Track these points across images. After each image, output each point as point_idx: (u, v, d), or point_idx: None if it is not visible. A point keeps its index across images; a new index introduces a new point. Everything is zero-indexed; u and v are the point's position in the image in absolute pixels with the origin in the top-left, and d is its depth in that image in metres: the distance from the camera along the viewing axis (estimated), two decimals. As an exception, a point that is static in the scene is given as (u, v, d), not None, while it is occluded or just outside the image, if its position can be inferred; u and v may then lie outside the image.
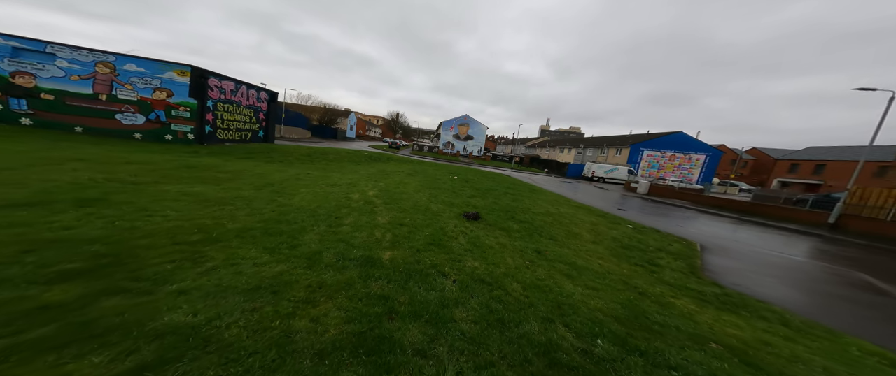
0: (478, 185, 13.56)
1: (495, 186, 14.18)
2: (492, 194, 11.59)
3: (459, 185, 12.78)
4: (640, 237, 7.97)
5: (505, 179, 19.23)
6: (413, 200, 8.45)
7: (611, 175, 36.84)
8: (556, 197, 14.12)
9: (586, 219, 9.39)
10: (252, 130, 16.56)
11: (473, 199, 9.90)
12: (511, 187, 14.91)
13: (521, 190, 14.35)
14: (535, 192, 14.39)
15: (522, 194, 12.85)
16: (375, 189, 9.43)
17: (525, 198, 11.63)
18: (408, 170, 16.05)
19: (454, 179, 14.79)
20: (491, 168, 35.71)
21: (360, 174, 12.47)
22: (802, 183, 51.03)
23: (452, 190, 11.22)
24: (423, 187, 10.95)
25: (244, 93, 15.50)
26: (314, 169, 12.02)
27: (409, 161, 22.95)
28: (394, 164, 18.78)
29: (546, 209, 10.10)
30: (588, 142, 55.67)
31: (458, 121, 49.09)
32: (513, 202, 10.47)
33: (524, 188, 15.41)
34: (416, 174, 14.92)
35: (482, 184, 14.47)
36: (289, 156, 13.80)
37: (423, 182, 12.32)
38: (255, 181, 8.17)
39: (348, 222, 5.57)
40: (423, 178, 13.50)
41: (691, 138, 40.94)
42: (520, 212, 8.76)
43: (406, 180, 12.34)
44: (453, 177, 15.68)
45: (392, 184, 10.88)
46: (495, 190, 12.90)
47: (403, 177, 13.04)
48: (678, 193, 21.35)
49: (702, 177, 41.15)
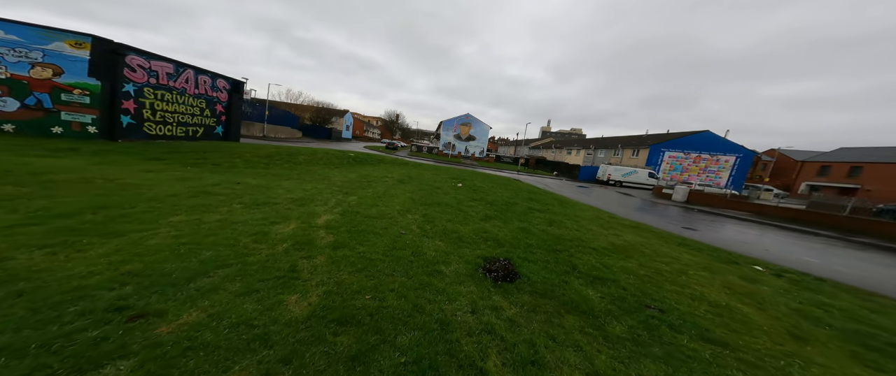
0: (490, 196, 10.06)
1: (513, 197, 10.68)
2: (513, 211, 8.09)
3: (466, 197, 9.29)
4: (832, 303, 4.28)
5: (520, 186, 15.72)
6: (393, 231, 4.99)
7: (629, 178, 33.44)
8: (595, 212, 10.58)
9: (683, 257, 5.83)
10: (205, 126, 13.16)
11: (491, 224, 6.42)
12: (532, 197, 11.39)
13: (548, 202, 10.84)
14: (567, 205, 10.86)
15: (552, 209, 9.33)
16: (339, 208, 5.97)
17: (561, 217, 8.13)
18: (399, 176, 12.58)
19: (458, 187, 11.31)
20: (495, 170, 32.25)
21: (330, 182, 9.04)
22: (835, 187, 47.26)
23: (457, 206, 7.73)
24: (416, 203, 7.48)
25: (190, 79, 12.09)
26: (264, 176, 8.60)
27: (403, 163, 19.50)
28: (383, 168, 15.32)
29: (604, 237, 6.58)
30: (599, 143, 52.08)
31: (460, 120, 45.70)
32: (548, 225, 6.97)
33: (549, 199, 11.88)
34: (408, 181, 11.45)
35: (495, 194, 10.97)
36: (240, 157, 10.37)
37: (416, 193, 8.85)
38: (120, 197, 4.76)
39: (187, 320, 2.11)
40: (417, 187, 10.02)
41: (719, 138, 37.33)
42: (574, 249, 5.26)
43: (393, 190, 8.88)
44: (456, 184, 12.20)
45: (370, 197, 7.43)
46: (515, 203, 9.39)
47: (390, 186, 9.58)
48: (728, 201, 17.75)
49: (731, 180, 37.45)
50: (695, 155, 37.26)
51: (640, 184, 33.27)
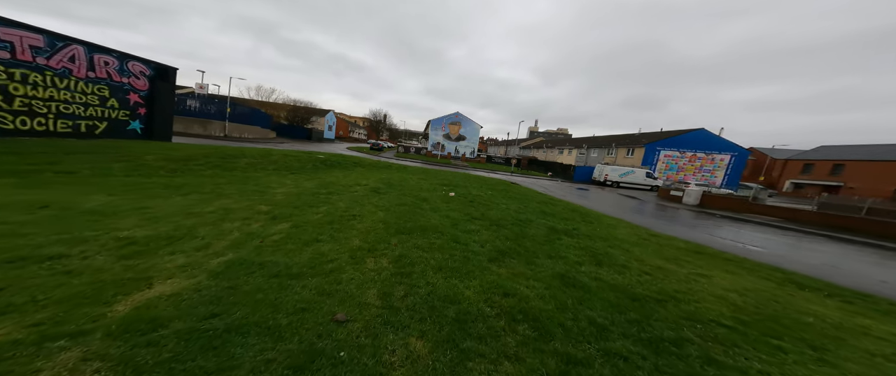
0: (494, 211, 7.52)
1: (521, 210, 8.20)
2: (531, 237, 5.58)
3: (462, 214, 6.71)
4: None
5: (522, 192, 13.30)
6: (317, 318, 2.33)
7: (627, 178, 31.97)
8: (628, 227, 8.24)
9: (853, 321, 3.48)
10: (109, 120, 9.92)
11: (509, 271, 3.87)
12: (544, 209, 8.94)
13: (567, 215, 8.41)
14: (590, 219, 8.46)
15: (578, 229, 6.88)
16: (228, 255, 3.26)
17: (601, 243, 5.68)
18: (376, 183, 9.88)
19: (450, 198, 8.74)
20: (488, 172, 29.92)
21: (264, 197, 6.26)
22: (819, 184, 47.85)
23: (451, 233, 5.12)
24: (388, 229, 4.85)
25: (78, 57, 8.79)
26: (146, 189, 5.69)
27: (385, 166, 16.75)
28: (358, 173, 12.56)
29: (696, 284, 4.14)
30: (592, 142, 50.83)
31: (449, 119, 43.18)
32: (595, 265, 4.48)
33: (565, 211, 9.47)
34: (387, 190, 8.78)
35: (498, 205, 8.44)
36: (131, 162, 7.25)
37: (392, 211, 6.21)
38: None
39: None
40: (396, 200, 7.36)
41: (714, 136, 36.41)
42: (679, 325, 2.77)
43: (360, 207, 6.20)
44: (448, 193, 9.62)
45: (315, 223, 4.74)
46: (528, 221, 6.89)
47: (358, 200, 6.88)
48: (748, 205, 15.97)
49: (726, 179, 36.63)
50: (690, 153, 36.24)
51: (638, 185, 31.86)
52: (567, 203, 12.04)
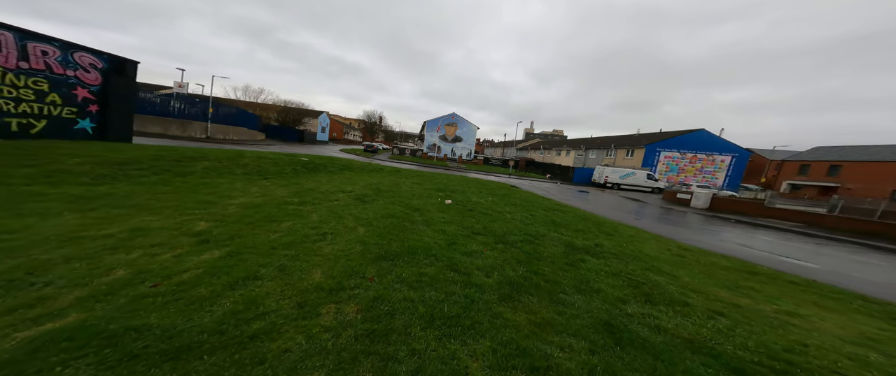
0: (498, 223, 6.34)
1: (529, 220, 7.03)
2: (549, 259, 4.41)
3: (460, 229, 5.52)
4: None
5: (525, 198, 12.18)
6: None
7: (627, 180, 31.17)
8: (656, 241, 7.12)
9: None
10: (50, 118, 8.48)
11: (531, 317, 2.69)
12: (554, 218, 7.78)
13: (582, 227, 7.25)
14: (606, 229, 7.32)
15: (601, 245, 5.72)
16: (71, 315, 2.02)
17: (635, 266, 4.52)
18: (364, 189, 8.67)
19: (446, 206, 7.55)
20: (486, 174, 28.84)
21: (221, 207, 5.01)
22: (816, 185, 47.68)
23: (448, 257, 3.92)
24: (366, 254, 3.64)
25: (7, 46, 7.42)
26: (77, 200, 4.44)
27: (376, 170, 15.50)
28: (345, 178, 11.32)
29: (787, 326, 3.00)
30: (590, 143, 50.11)
31: (445, 120, 42.09)
32: (644, 302, 3.32)
33: (577, 220, 8.32)
34: (375, 197, 7.56)
35: (501, 214, 7.27)
36: (65, 162, 5.93)
37: (377, 226, 5.00)
38: None
39: None
40: (382, 211, 6.15)
41: (715, 137, 35.81)
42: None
43: (337, 221, 4.98)
44: (445, 200, 8.43)
45: (265, 245, 3.52)
46: (540, 236, 5.72)
47: (336, 211, 5.66)
48: (761, 209, 15.03)
49: (727, 181, 36.00)
50: (691, 154, 35.58)
51: (639, 187, 31.07)
52: (576, 209, 10.90)
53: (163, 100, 21.64)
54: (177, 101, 21.95)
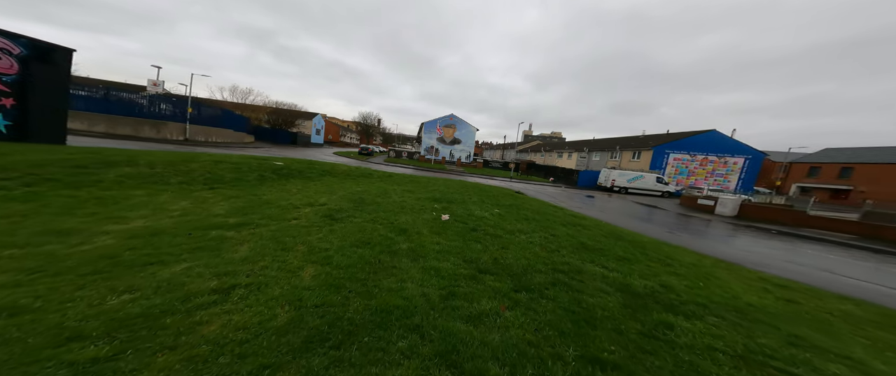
0: (514, 250, 4.58)
1: (553, 242, 5.28)
2: (618, 345, 2.66)
3: (459, 263, 3.77)
4: None
5: (538, 208, 10.44)
6: None
7: (636, 184, 29.46)
8: (728, 269, 5.37)
9: None
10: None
11: None
12: (584, 238, 6.02)
13: (634, 257, 5.49)
14: (674, 263, 5.56)
15: (667, 282, 3.96)
16: None
17: (788, 347, 2.78)
18: (339, 202, 6.91)
19: (443, 222, 5.79)
20: (486, 178, 27.08)
21: (91, 236, 3.26)
22: (827, 188, 46.16)
23: (445, 344, 2.17)
24: (278, 349, 1.90)
25: None
26: None
27: (365, 175, 13.75)
28: (322, 186, 9.57)
29: None
30: (593, 145, 48.51)
31: (443, 121, 40.44)
32: None
33: (615, 241, 6.53)
34: (351, 213, 5.80)
35: (517, 238, 5.52)
36: None
37: (335, 264, 3.26)
38: None
39: None
40: (357, 234, 4.38)
41: (726, 138, 34.20)
42: None
43: (265, 260, 3.22)
44: (442, 215, 6.65)
45: (68, 336, 1.78)
46: (580, 271, 3.96)
47: (280, 241, 3.90)
48: (799, 217, 13.32)
49: (740, 184, 34.35)
50: (701, 156, 33.95)
51: (649, 191, 29.36)
52: (599, 222, 9.12)
53: (148, 99, 19.95)
54: (151, 100, 20.21)
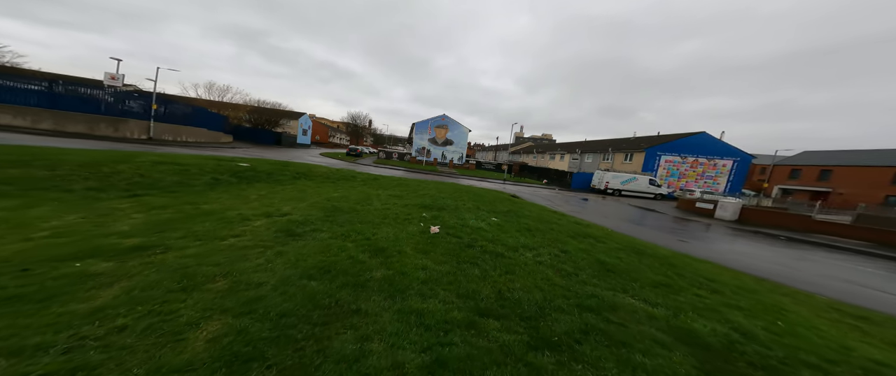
0: (522, 277, 3.51)
1: (567, 262, 4.23)
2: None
3: (452, 300, 2.66)
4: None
5: (541, 216, 9.43)
6: None
7: (629, 186, 29.12)
8: (795, 296, 4.44)
9: None
10: None
11: None
12: (603, 255, 5.00)
13: (680, 284, 4.49)
14: (722, 290, 4.58)
15: (734, 320, 2.93)
16: None
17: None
18: (306, 210, 5.69)
19: (432, 236, 4.65)
20: (479, 180, 26.10)
21: None
22: (807, 190, 47.26)
23: None
24: None
25: None
26: None
27: (348, 178, 12.48)
28: (291, 192, 8.31)
29: None
30: (586, 147, 48.36)
31: (435, 122, 39.32)
32: None
33: (637, 254, 5.53)
34: (320, 224, 4.61)
35: (523, 257, 4.45)
36: None
37: (260, 313, 2.06)
38: None
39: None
40: (318, 257, 3.20)
41: (715, 140, 34.38)
42: None
43: (143, 307, 2.02)
44: (430, 226, 5.51)
45: None
46: (614, 307, 2.90)
47: (190, 275, 2.69)
48: (805, 221, 12.83)
49: (729, 186, 34.55)
50: (692, 159, 33.98)
51: (641, 193, 29.08)
52: (610, 233, 8.12)
53: (111, 94, 18.12)
54: (114, 96, 18.34)
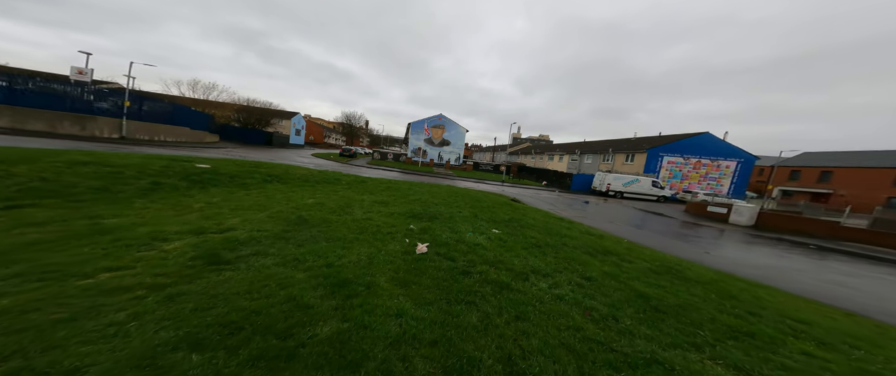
0: (557, 327, 2.35)
1: (594, 295, 3.10)
2: None
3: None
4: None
5: (549, 226, 8.27)
6: None
7: (631, 188, 28.14)
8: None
9: None
10: None
11: None
12: (640, 288, 3.88)
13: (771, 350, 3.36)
14: (790, 349, 3.46)
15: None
16: None
17: None
18: (261, 224, 4.48)
19: (416, 261, 3.48)
20: (477, 182, 24.95)
21: None
22: (808, 191, 46.67)
23: None
24: None
25: None
26: None
27: (332, 181, 11.24)
28: (257, 197, 7.10)
29: None
30: (585, 147, 47.44)
31: (432, 122, 38.13)
32: None
33: (699, 290, 4.39)
34: (270, 245, 3.40)
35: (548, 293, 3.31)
36: None
37: None
38: None
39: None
40: (192, 323, 1.97)
41: (719, 141, 33.54)
42: None
43: None
44: (417, 244, 4.32)
45: None
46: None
47: None
48: (833, 228, 11.82)
49: (733, 188, 33.71)
50: (695, 160, 33.13)
51: (644, 195, 28.10)
52: (639, 248, 6.97)
53: (80, 90, 16.72)
54: (82, 92, 16.94)
